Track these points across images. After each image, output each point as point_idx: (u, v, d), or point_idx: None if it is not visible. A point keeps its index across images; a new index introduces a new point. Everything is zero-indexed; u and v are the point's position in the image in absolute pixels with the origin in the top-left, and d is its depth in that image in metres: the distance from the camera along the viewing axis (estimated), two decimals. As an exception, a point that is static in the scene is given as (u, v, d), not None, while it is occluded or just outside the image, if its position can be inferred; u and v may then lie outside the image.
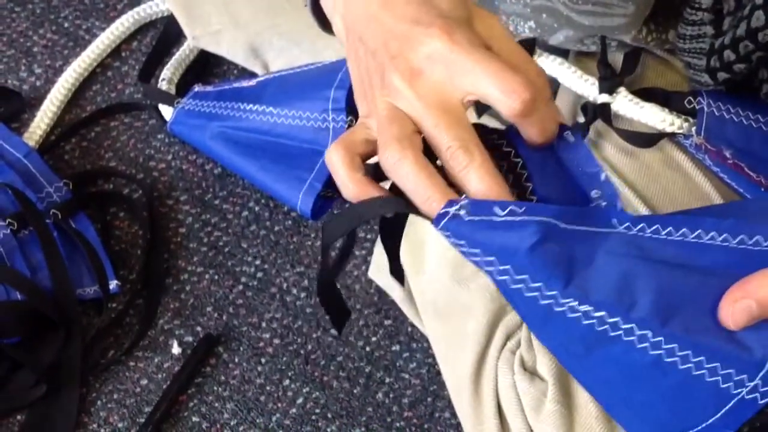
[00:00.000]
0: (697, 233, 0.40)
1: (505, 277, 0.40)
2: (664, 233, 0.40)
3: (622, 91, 0.61)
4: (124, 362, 0.78)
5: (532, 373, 0.58)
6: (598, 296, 0.39)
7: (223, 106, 0.67)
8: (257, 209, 0.87)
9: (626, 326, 0.38)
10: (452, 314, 0.63)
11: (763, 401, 0.38)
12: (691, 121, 0.59)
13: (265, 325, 0.80)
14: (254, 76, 0.70)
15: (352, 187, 0.43)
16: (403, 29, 0.43)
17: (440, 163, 0.43)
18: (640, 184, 0.61)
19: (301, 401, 0.76)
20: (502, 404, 0.59)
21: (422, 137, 0.43)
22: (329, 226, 0.44)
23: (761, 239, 0.39)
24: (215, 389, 0.77)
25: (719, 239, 0.40)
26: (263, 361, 0.78)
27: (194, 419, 0.76)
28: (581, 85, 0.62)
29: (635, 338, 0.38)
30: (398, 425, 0.75)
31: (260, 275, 0.83)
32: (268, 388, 0.77)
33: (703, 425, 0.39)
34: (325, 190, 0.56)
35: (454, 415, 0.74)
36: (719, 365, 0.38)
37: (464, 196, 0.41)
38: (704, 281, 0.39)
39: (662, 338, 0.38)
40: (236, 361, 0.78)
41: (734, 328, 0.38)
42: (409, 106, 0.43)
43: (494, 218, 0.39)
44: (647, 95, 0.61)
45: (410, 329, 0.79)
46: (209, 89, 0.71)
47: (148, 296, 0.82)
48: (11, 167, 0.83)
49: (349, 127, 0.57)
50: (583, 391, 0.55)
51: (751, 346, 0.38)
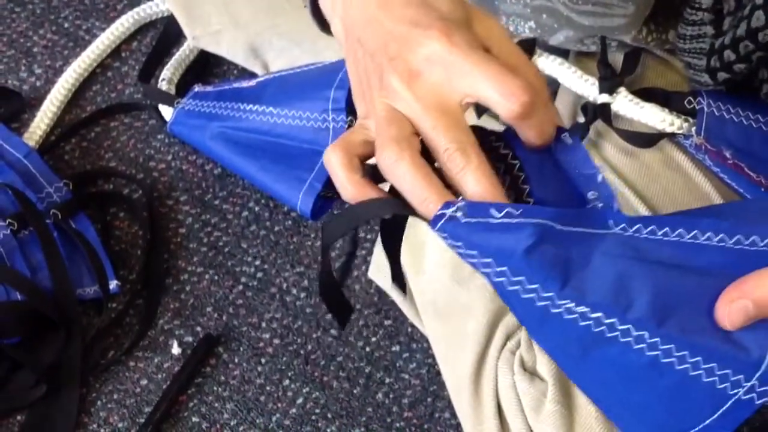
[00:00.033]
0: (693, 234, 0.40)
1: (501, 279, 0.40)
2: (660, 234, 0.40)
3: (622, 91, 0.61)
4: (124, 362, 0.78)
5: (532, 373, 0.58)
6: (594, 297, 0.39)
7: (223, 106, 0.67)
8: (257, 209, 0.87)
9: (623, 327, 0.38)
10: (452, 314, 0.63)
11: (759, 401, 0.38)
12: (691, 121, 0.59)
13: (265, 325, 0.80)
14: (254, 76, 0.70)
15: (350, 188, 0.43)
16: (401, 31, 0.43)
17: (438, 165, 0.43)
18: (640, 184, 0.61)
19: (301, 401, 0.76)
20: (502, 404, 0.59)
21: (420, 139, 0.43)
22: (328, 226, 0.44)
23: (758, 239, 0.39)
24: (215, 389, 0.77)
25: (715, 240, 0.39)
26: (263, 361, 0.78)
27: (194, 419, 0.76)
28: (581, 85, 0.62)
29: (632, 339, 0.38)
30: (398, 425, 0.75)
31: (260, 275, 0.83)
32: (268, 388, 0.77)
33: (700, 426, 0.39)
34: (325, 190, 0.56)
35: (454, 415, 0.74)
36: (716, 366, 0.38)
37: (461, 198, 0.41)
38: (701, 282, 0.39)
39: (659, 339, 0.38)
40: (236, 361, 0.78)
41: (731, 328, 0.38)
42: (407, 107, 0.43)
43: (491, 220, 0.39)
44: (647, 95, 0.61)
45: (410, 329, 0.79)
46: (209, 89, 0.71)
47: (148, 296, 0.82)
48: (11, 167, 0.83)
49: (349, 127, 0.57)
50: (582, 391, 0.55)
51: (747, 346, 0.38)
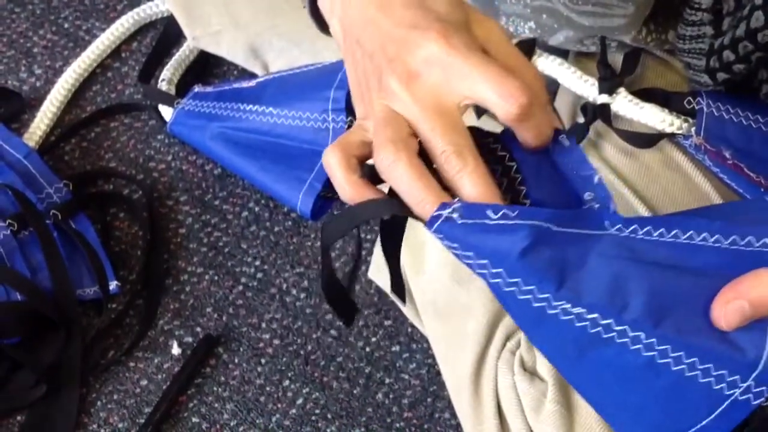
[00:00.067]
0: (689, 234, 0.40)
1: (497, 280, 0.40)
2: (656, 234, 0.40)
3: (621, 91, 0.61)
4: (124, 363, 0.78)
5: (532, 373, 0.58)
6: (590, 298, 0.39)
7: (222, 106, 0.67)
8: (257, 210, 0.87)
9: (619, 328, 0.38)
10: (452, 314, 0.63)
11: (756, 402, 0.38)
12: (690, 121, 0.59)
13: (264, 325, 0.80)
14: (254, 76, 0.70)
15: (348, 189, 0.43)
16: (400, 33, 0.43)
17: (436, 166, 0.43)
18: (639, 184, 0.61)
19: (300, 402, 0.76)
20: (502, 404, 0.59)
21: (418, 140, 0.43)
22: (328, 227, 0.44)
23: (753, 240, 0.39)
24: (215, 390, 0.77)
25: (711, 240, 0.39)
26: (263, 361, 0.78)
27: (194, 420, 0.76)
28: (581, 85, 0.62)
29: (628, 340, 0.38)
30: (398, 426, 0.75)
31: (260, 276, 0.83)
32: (267, 388, 0.77)
33: (696, 426, 0.39)
34: (324, 190, 0.56)
35: (453, 415, 0.74)
36: (712, 366, 0.38)
37: (457, 199, 0.41)
38: (696, 282, 0.39)
39: (655, 339, 0.38)
40: (236, 361, 0.78)
41: (727, 328, 0.38)
42: (405, 108, 0.43)
43: (487, 222, 0.39)
44: (647, 96, 0.61)
45: (410, 329, 0.79)
46: (209, 90, 0.71)
47: (148, 297, 0.82)
48: (11, 168, 0.83)
49: (348, 127, 0.57)
50: (582, 391, 0.55)
51: (743, 346, 0.38)
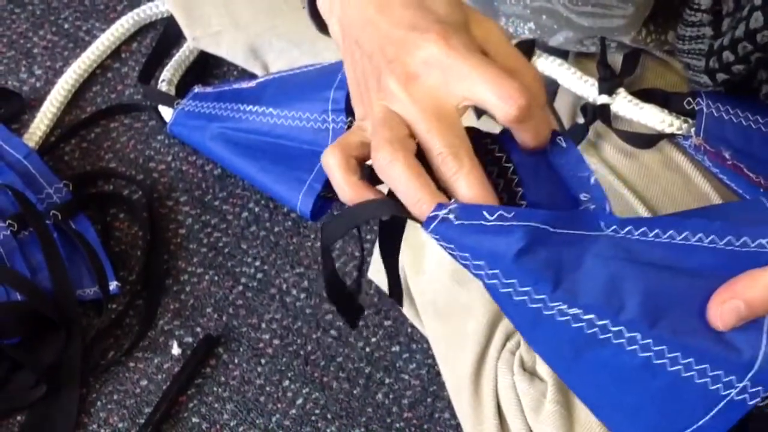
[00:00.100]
0: (684, 235, 0.40)
1: (494, 281, 0.40)
2: (651, 235, 0.40)
3: (621, 92, 0.61)
4: (124, 363, 0.78)
5: (531, 373, 0.58)
6: (586, 299, 0.39)
7: (222, 107, 0.68)
8: (257, 210, 0.87)
9: (615, 329, 0.38)
10: (452, 314, 0.63)
11: (752, 402, 0.38)
12: (690, 122, 0.59)
13: (264, 325, 0.80)
14: (254, 77, 0.70)
15: (347, 189, 0.43)
16: (399, 34, 0.43)
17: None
18: (639, 185, 0.61)
19: (300, 402, 0.76)
20: (501, 405, 0.59)
21: (416, 141, 0.43)
22: (327, 227, 0.44)
23: (748, 240, 0.39)
24: (215, 390, 0.77)
25: (706, 241, 0.39)
26: (263, 361, 0.78)
27: (194, 420, 0.76)
28: (581, 86, 0.62)
29: (624, 341, 0.38)
30: (398, 426, 0.75)
31: (260, 276, 0.83)
32: (267, 388, 0.77)
33: (693, 427, 0.39)
34: (324, 191, 0.56)
35: (453, 415, 0.74)
36: (708, 367, 0.38)
37: (453, 200, 0.41)
38: (692, 283, 0.39)
39: (651, 340, 0.38)
40: (236, 361, 0.78)
41: (723, 329, 0.38)
42: (403, 109, 0.43)
43: (483, 223, 0.39)
44: (647, 96, 0.61)
45: (410, 330, 0.79)
46: (209, 90, 0.71)
47: (148, 297, 0.82)
48: (11, 168, 0.83)
49: (348, 128, 0.57)
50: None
51: (739, 347, 0.38)
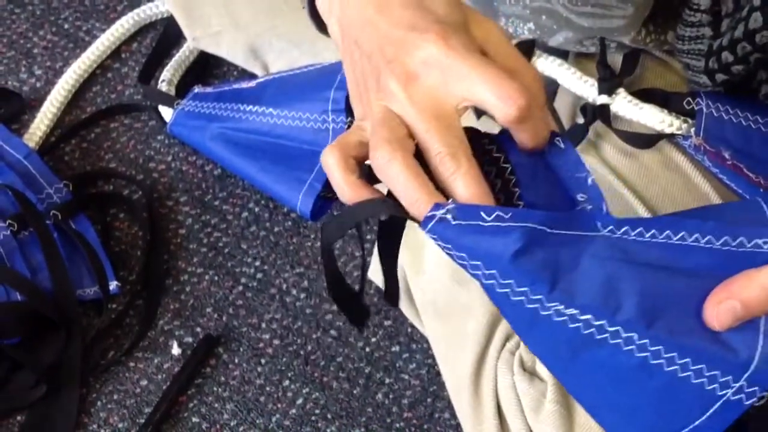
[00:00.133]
0: (680, 235, 0.40)
1: (491, 281, 0.40)
2: (647, 236, 0.40)
3: (621, 92, 0.61)
4: (124, 363, 0.78)
5: (531, 373, 0.58)
6: (583, 300, 0.39)
7: (222, 107, 0.68)
8: (257, 210, 0.87)
9: (612, 329, 0.39)
10: (452, 314, 0.63)
11: (748, 402, 0.38)
12: (690, 122, 0.59)
13: (264, 325, 0.80)
14: (254, 77, 0.70)
15: (346, 189, 0.43)
16: (399, 35, 0.43)
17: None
18: (639, 185, 0.61)
19: (300, 402, 0.76)
20: (501, 405, 0.59)
21: (415, 142, 0.43)
22: (327, 227, 0.44)
23: (745, 240, 0.39)
24: (215, 390, 0.77)
25: (703, 241, 0.40)
26: (263, 361, 0.78)
27: (194, 420, 0.76)
28: (580, 86, 0.62)
29: (621, 341, 0.39)
30: (398, 426, 0.75)
31: (260, 276, 0.83)
32: (267, 388, 0.77)
33: (689, 427, 0.39)
34: (324, 191, 0.56)
35: (453, 415, 0.74)
36: (705, 367, 0.38)
37: (451, 200, 0.41)
38: (689, 283, 0.39)
39: (648, 340, 0.38)
40: (236, 361, 0.78)
41: (719, 329, 0.38)
42: (402, 109, 0.43)
43: (480, 223, 0.39)
44: (646, 96, 0.61)
45: (410, 330, 0.79)
46: (209, 90, 0.71)
47: (148, 297, 0.82)
48: (11, 168, 0.83)
49: (348, 128, 0.57)
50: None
51: (736, 347, 0.38)
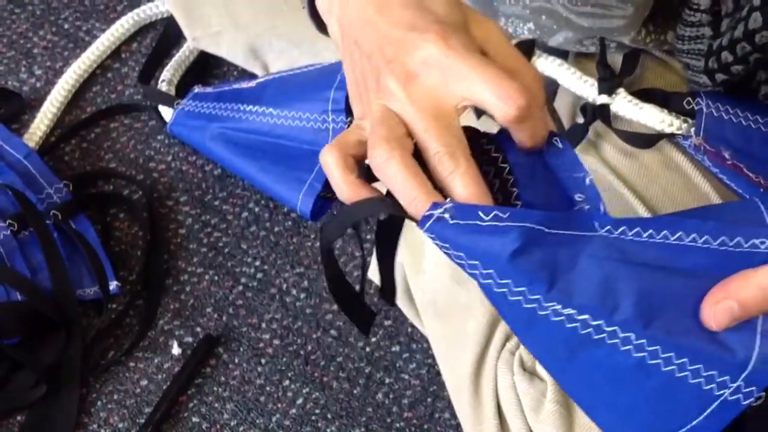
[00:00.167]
0: (678, 235, 0.40)
1: (489, 281, 0.40)
2: (645, 236, 0.40)
3: (621, 92, 0.61)
4: (124, 363, 0.78)
5: (531, 373, 0.58)
6: (581, 300, 0.39)
7: (222, 107, 0.68)
8: (257, 210, 0.87)
9: (609, 329, 0.39)
10: (452, 314, 0.63)
11: (745, 402, 0.38)
12: (690, 121, 0.59)
13: (264, 325, 0.80)
14: (254, 77, 0.70)
15: (345, 188, 0.43)
16: (398, 35, 0.43)
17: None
18: (639, 185, 0.61)
19: (300, 402, 0.76)
20: (501, 404, 0.59)
21: (414, 141, 0.43)
22: (326, 227, 0.44)
23: (742, 241, 0.39)
24: (215, 390, 0.77)
25: (700, 241, 0.40)
26: (263, 361, 0.78)
27: (194, 420, 0.76)
28: (580, 86, 0.62)
29: (618, 341, 0.39)
30: (398, 426, 0.75)
31: (260, 276, 0.83)
32: (267, 388, 0.77)
33: (687, 427, 0.39)
34: (324, 190, 0.56)
35: (453, 415, 0.74)
36: (702, 367, 0.38)
37: (449, 199, 0.41)
38: (686, 283, 0.39)
39: (645, 340, 0.38)
40: (236, 361, 0.78)
41: (716, 329, 0.38)
42: (401, 109, 0.43)
43: (478, 223, 0.39)
44: (646, 96, 0.61)
45: (410, 330, 0.79)
46: (209, 90, 0.71)
47: (148, 297, 0.82)
48: (11, 168, 0.83)
49: (348, 127, 0.57)
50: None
51: (733, 347, 0.38)
